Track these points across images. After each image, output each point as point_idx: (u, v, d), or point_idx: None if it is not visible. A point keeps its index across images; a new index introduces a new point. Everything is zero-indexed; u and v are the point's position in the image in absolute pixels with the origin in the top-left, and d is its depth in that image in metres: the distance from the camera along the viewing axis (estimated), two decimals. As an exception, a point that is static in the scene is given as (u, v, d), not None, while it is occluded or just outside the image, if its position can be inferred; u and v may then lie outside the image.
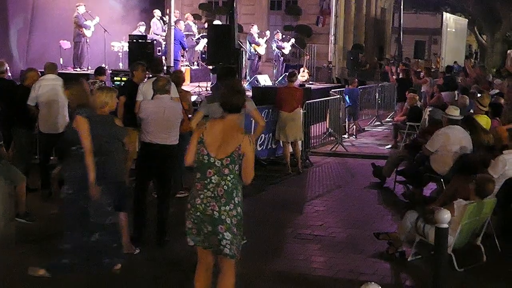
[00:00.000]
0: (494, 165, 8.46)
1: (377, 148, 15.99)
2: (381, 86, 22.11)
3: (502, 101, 14.12)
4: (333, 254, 8.01)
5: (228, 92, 5.66)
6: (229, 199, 5.39)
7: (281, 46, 22.84)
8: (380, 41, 36.69)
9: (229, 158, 5.38)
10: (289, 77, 13.20)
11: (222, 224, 5.35)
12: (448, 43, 39.72)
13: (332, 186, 11.90)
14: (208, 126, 5.51)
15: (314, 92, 19.90)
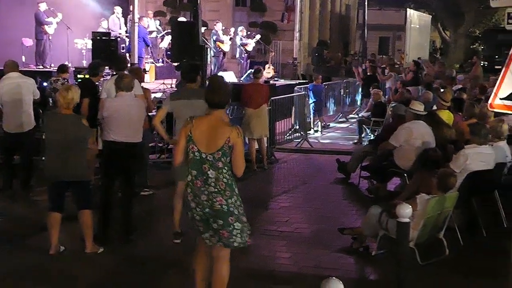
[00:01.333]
0: (456, 160, 8.57)
1: (342, 144, 16.09)
2: (346, 82, 22.25)
3: (465, 96, 14.30)
4: (298, 250, 8.05)
5: (212, 88, 5.74)
6: (232, 191, 5.55)
7: (245, 43, 22.84)
8: (345, 37, 36.94)
9: (220, 151, 5.48)
10: (254, 73, 13.22)
11: (232, 215, 5.53)
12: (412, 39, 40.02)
13: (297, 182, 11.94)
14: (195, 123, 5.58)
15: (279, 88, 19.95)
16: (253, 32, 24.20)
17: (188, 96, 8.00)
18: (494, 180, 8.86)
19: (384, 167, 10.56)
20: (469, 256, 7.91)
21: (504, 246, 6.46)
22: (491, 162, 8.74)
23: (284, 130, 16.22)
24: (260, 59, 24.19)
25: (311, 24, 29.69)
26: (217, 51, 21.49)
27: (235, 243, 5.60)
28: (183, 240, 8.04)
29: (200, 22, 13.53)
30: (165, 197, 9.58)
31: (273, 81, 21.68)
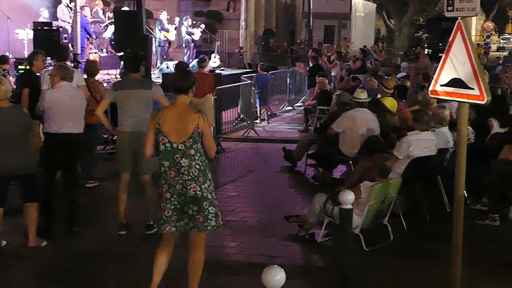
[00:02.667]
0: (399, 146, 8.68)
1: (289, 132, 16.15)
2: (292, 71, 22.31)
3: (408, 83, 14.50)
4: (245, 239, 8.06)
5: (177, 73, 5.92)
6: (205, 177, 5.65)
7: (191, 32, 22.70)
8: (291, 26, 37.04)
9: (191, 139, 5.59)
10: (199, 63, 13.14)
11: (206, 200, 5.63)
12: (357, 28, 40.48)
13: (244, 171, 11.94)
14: (161, 115, 5.66)
15: (226, 77, 19.88)
16: (198, 22, 24.04)
17: (131, 86, 7.91)
18: (436, 166, 9.01)
19: (329, 155, 10.64)
20: (413, 240, 8.06)
21: (446, 230, 6.55)
22: (434, 148, 8.88)
23: (230, 119, 16.18)
24: (206, 48, 24.05)
25: (257, 13, 29.66)
26: (162, 40, 21.29)
27: (209, 226, 5.70)
28: (129, 232, 7.97)
29: (143, 11, 13.36)
30: (111, 189, 9.48)
31: (219, 71, 21.61)
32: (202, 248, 5.86)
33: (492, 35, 71.18)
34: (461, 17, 6.11)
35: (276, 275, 3.53)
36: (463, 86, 6.06)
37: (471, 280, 6.55)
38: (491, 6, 74.18)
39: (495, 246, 7.66)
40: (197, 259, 5.83)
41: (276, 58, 28.73)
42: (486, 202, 9.00)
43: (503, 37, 74.84)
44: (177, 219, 5.68)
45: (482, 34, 73.34)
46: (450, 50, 6.18)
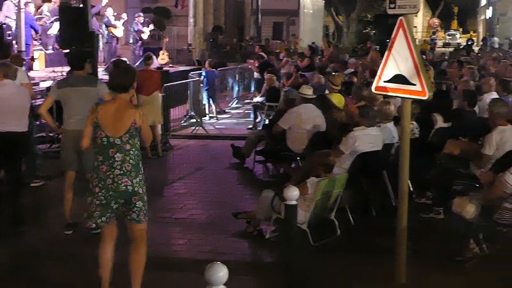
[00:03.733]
0: (345, 142, 8.77)
1: (237, 129, 16.16)
2: (241, 68, 22.31)
3: (355, 79, 14.65)
4: (193, 236, 8.06)
5: (116, 72, 5.89)
6: (137, 171, 5.66)
7: (141, 30, 22.50)
8: (240, 22, 37.04)
9: (128, 134, 5.60)
10: (145, 60, 13.08)
11: (136, 195, 5.64)
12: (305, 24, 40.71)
13: (192, 169, 11.91)
14: (100, 109, 5.68)
15: (174, 75, 19.74)
16: (147, 19, 23.77)
17: (76, 83, 7.82)
18: (382, 161, 9.13)
19: (277, 151, 10.69)
20: (359, 235, 8.15)
21: (392, 224, 6.65)
22: (379, 143, 9.00)
23: (179, 116, 16.14)
24: (155, 45, 23.81)
25: (205, 10, 29.56)
26: (109, 37, 21.05)
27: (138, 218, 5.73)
28: (75, 231, 7.88)
29: (89, 7, 13.19)
30: (56, 188, 9.35)
31: (168, 67, 21.48)
32: (144, 245, 5.86)
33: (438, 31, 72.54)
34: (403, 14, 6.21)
35: (219, 272, 3.54)
36: (405, 82, 6.18)
37: (416, 272, 6.69)
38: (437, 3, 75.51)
39: (439, 239, 7.79)
40: (140, 256, 5.83)
41: (225, 55, 28.71)
42: (431, 196, 9.17)
43: (449, 33, 76.22)
44: (102, 213, 5.66)
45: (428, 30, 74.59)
46: (392, 47, 6.29)
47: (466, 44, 48.80)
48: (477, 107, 10.68)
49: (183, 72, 20.86)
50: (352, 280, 6.68)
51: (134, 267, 5.83)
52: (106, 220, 5.69)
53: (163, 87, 13.42)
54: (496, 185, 6.96)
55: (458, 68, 17.23)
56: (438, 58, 26.85)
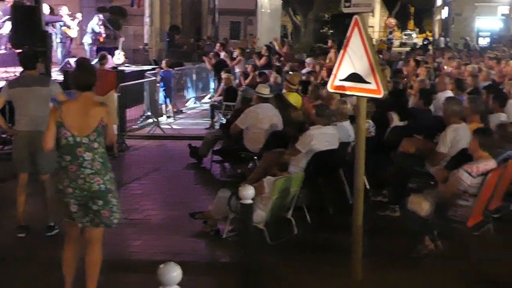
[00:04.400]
0: (301, 141, 8.77)
1: (195, 129, 16.08)
2: (198, 67, 22.23)
3: (312, 79, 14.70)
4: (149, 237, 7.98)
5: (79, 71, 5.83)
6: (106, 169, 5.65)
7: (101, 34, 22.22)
8: (197, 22, 36.88)
9: (95, 132, 5.55)
10: (99, 60, 12.95)
11: (110, 192, 5.64)
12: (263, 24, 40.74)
13: (148, 169, 11.80)
14: (64, 108, 5.59)
15: (130, 74, 19.55)
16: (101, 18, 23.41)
17: (28, 83, 7.67)
18: (338, 159, 9.16)
19: (234, 151, 10.66)
20: (316, 233, 8.16)
21: (349, 222, 6.67)
22: (335, 142, 9.02)
23: (136, 117, 16.01)
24: (110, 45, 23.51)
25: (162, 9, 29.34)
26: (63, 37, 20.75)
27: (115, 220, 5.72)
28: (28, 234, 7.74)
29: (42, 6, 12.96)
30: (9, 190, 9.16)
31: (124, 67, 21.26)
32: (100, 245, 5.82)
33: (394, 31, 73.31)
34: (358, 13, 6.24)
35: (172, 272, 3.49)
36: (360, 80, 6.21)
37: (371, 269, 6.72)
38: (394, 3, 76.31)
39: (395, 236, 7.84)
40: (96, 256, 5.79)
41: (183, 54, 28.55)
42: (387, 194, 9.23)
43: (405, 33, 77.20)
44: (82, 215, 5.62)
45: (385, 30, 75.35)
46: (348, 46, 6.31)
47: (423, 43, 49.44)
48: (432, 106, 10.80)
49: (139, 72, 20.70)
50: (309, 277, 6.69)
51: (91, 268, 5.77)
52: (90, 221, 5.64)
53: (118, 87, 13.27)
54: (450, 183, 7.03)
55: (414, 67, 17.42)
56: (395, 58, 27.11)
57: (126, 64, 22.80)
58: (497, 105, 9.87)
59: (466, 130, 8.16)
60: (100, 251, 5.81)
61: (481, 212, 7.00)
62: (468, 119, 8.71)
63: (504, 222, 7.61)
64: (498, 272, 6.83)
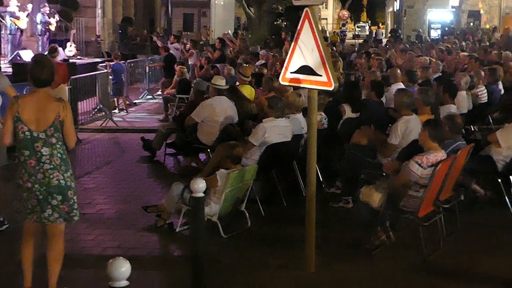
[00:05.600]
0: (254, 133, 8.76)
1: (148, 122, 15.97)
2: (151, 60, 22.07)
3: (265, 71, 14.70)
4: (101, 232, 7.89)
5: (35, 67, 5.69)
6: (67, 166, 5.62)
7: (49, 22, 21.88)
8: (150, 14, 36.62)
9: (52, 127, 5.50)
10: (49, 53, 12.72)
11: (70, 189, 5.62)
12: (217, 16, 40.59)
13: (101, 163, 11.69)
14: (21, 103, 5.54)
15: (82, 67, 19.37)
16: (52, 10, 23.10)
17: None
18: (292, 152, 9.18)
19: (188, 143, 10.60)
20: (270, 225, 8.17)
21: (302, 213, 6.70)
22: (288, 134, 9.04)
23: (88, 110, 15.82)
24: (62, 37, 23.19)
25: (114, 1, 29.03)
26: (13, 28, 20.38)
27: (76, 217, 5.72)
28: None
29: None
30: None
31: (75, 60, 20.99)
32: (62, 240, 5.84)
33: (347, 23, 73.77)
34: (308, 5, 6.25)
35: (121, 267, 3.46)
36: (311, 73, 6.23)
37: (325, 261, 6.79)
38: (347, -5, 76.86)
39: (348, 228, 7.92)
40: (58, 252, 5.81)
41: (136, 47, 28.33)
42: (340, 185, 9.29)
43: (358, 25, 77.74)
44: (42, 209, 5.57)
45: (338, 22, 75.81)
46: (298, 38, 6.32)
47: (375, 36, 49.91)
48: (384, 98, 10.89)
49: (91, 64, 20.47)
50: (262, 270, 6.71)
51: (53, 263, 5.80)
52: (49, 216, 5.59)
53: (69, 80, 13.08)
54: (401, 174, 7.11)
55: (366, 59, 17.54)
56: (348, 50, 27.27)
57: (77, 57, 22.52)
58: (447, 97, 10.00)
59: (417, 122, 8.27)
60: (62, 246, 5.83)
61: (432, 202, 7.10)
62: (419, 111, 8.81)
63: (454, 212, 7.72)
64: (447, 261, 6.95)
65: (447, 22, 45.35)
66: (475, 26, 43.85)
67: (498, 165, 8.43)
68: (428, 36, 40.32)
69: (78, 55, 22.82)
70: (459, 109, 10.13)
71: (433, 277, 6.63)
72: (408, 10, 50.22)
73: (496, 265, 6.87)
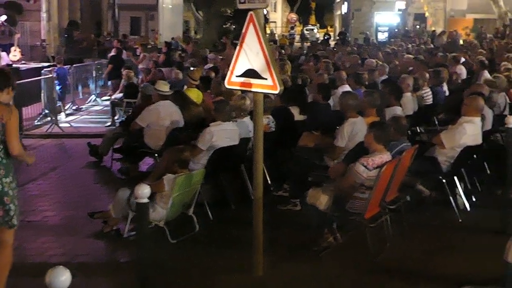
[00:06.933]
0: (201, 138, 8.73)
1: (95, 126, 15.78)
2: (99, 64, 21.82)
3: (213, 74, 14.66)
4: (46, 239, 7.77)
5: None
6: (7, 171, 5.49)
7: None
8: (97, 17, 36.24)
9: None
10: (-8, 58, 12.49)
11: (7, 196, 5.48)
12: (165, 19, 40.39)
13: (46, 169, 11.48)
14: None
15: (26, 72, 19.00)
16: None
17: None
18: (239, 155, 9.17)
19: (135, 148, 10.50)
20: (218, 229, 8.15)
21: (250, 216, 6.68)
22: (236, 138, 9.03)
23: (33, 115, 15.55)
24: (6, 41, 22.74)
25: (60, 4, 28.63)
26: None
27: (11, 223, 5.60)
28: None
29: None
30: None
31: (20, 64, 20.62)
32: (10, 248, 5.74)
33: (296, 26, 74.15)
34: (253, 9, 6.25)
35: (60, 276, 3.39)
36: (257, 76, 6.23)
37: (273, 263, 6.78)
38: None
39: (296, 230, 7.93)
40: (5, 260, 5.69)
41: (82, 51, 27.98)
42: (288, 188, 9.31)
43: (307, 28, 78.10)
44: None
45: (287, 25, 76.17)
46: (243, 42, 6.31)
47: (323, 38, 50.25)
48: (331, 100, 10.97)
49: (36, 69, 20.13)
50: (210, 274, 6.68)
51: None
52: None
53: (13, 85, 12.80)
54: (348, 176, 7.16)
55: (314, 62, 17.65)
56: (297, 53, 27.42)
57: (22, 61, 22.13)
58: (393, 99, 10.10)
59: (363, 124, 8.34)
60: (8, 253, 5.72)
61: (378, 204, 7.16)
62: (365, 113, 8.90)
63: (400, 213, 7.81)
64: (394, 262, 7.02)
65: (394, 24, 45.96)
66: (421, 29, 44.55)
67: (443, 166, 8.54)
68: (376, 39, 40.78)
69: (22, 59, 22.41)
70: (404, 111, 10.24)
71: (381, 277, 6.68)
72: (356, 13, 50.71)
73: (443, 264, 6.97)
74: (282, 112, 10.11)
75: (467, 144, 8.49)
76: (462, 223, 8.25)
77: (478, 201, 8.96)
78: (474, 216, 8.47)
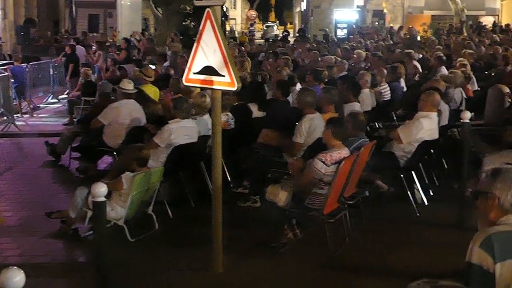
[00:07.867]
0: (160, 135, 8.69)
1: (53, 125, 15.58)
2: (56, 62, 21.53)
3: (172, 72, 14.60)
4: (2, 240, 7.68)
5: None
6: None
7: None
8: (54, 15, 35.79)
9: None
10: None
11: None
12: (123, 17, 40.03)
13: (2, 169, 11.28)
14: None
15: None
16: None
17: None
18: (199, 152, 9.13)
19: (93, 146, 10.40)
20: (178, 227, 8.12)
21: (210, 214, 6.67)
22: (195, 135, 9.00)
23: (-12, 115, 15.31)
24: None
25: (16, 2, 28.23)
26: None
27: None
28: None
29: None
30: None
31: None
32: None
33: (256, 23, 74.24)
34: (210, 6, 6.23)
35: (14, 277, 3.34)
36: (215, 73, 6.21)
37: (232, 261, 6.78)
38: (255, -5, 77.36)
39: (256, 227, 7.93)
40: None
41: (39, 49, 27.60)
42: (247, 185, 9.31)
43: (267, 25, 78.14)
44: None
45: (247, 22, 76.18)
46: (201, 39, 6.29)
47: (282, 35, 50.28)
48: (290, 97, 10.99)
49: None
50: (170, 273, 6.65)
51: None
52: None
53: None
54: (306, 172, 7.18)
55: (274, 59, 17.65)
56: (256, 50, 27.38)
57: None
58: (351, 95, 10.15)
59: (320, 120, 8.39)
60: None
61: (337, 199, 7.20)
62: (323, 109, 8.95)
63: (359, 208, 7.87)
64: (353, 257, 7.08)
65: (353, 21, 46.24)
66: (380, 25, 44.90)
67: (400, 161, 8.63)
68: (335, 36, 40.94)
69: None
70: (363, 106, 10.31)
71: (340, 272, 6.73)
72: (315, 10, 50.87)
73: (402, 259, 7.03)
74: (241, 109, 10.12)
75: (424, 139, 8.59)
76: (420, 217, 8.35)
77: (435, 196, 9.08)
78: (432, 210, 8.59)
